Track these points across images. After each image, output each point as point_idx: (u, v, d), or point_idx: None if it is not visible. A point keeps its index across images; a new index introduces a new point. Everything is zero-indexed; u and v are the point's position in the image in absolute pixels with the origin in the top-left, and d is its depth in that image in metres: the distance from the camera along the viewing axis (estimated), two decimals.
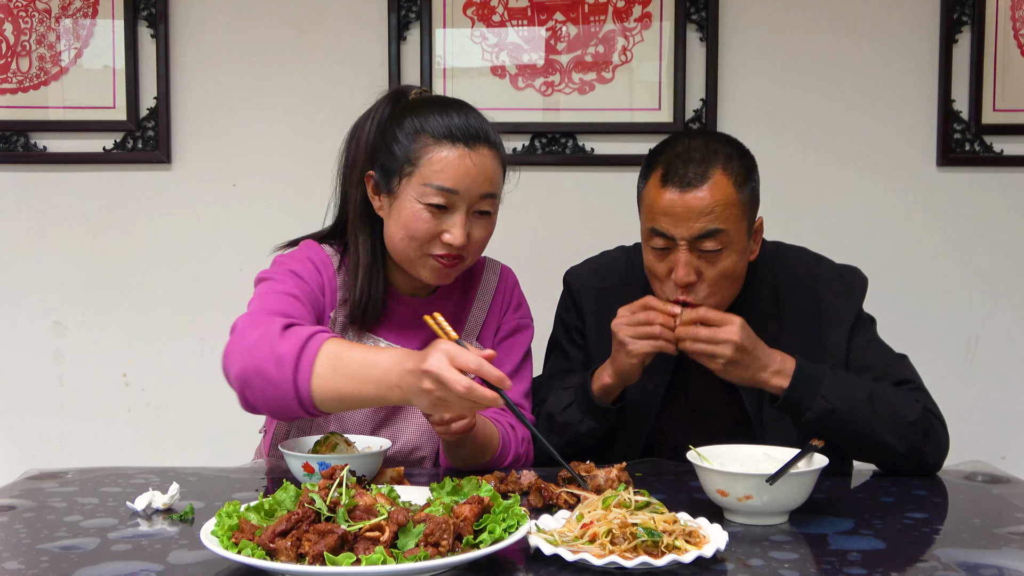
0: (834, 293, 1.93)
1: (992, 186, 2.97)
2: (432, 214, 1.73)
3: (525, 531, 1.27)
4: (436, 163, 1.72)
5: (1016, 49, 2.93)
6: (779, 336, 1.89)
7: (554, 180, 2.96)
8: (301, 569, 1.15)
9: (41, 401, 3.00)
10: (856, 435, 1.72)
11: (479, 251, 1.83)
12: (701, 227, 1.76)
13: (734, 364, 1.72)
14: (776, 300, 1.94)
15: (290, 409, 1.55)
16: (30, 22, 2.92)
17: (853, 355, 1.89)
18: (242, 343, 1.59)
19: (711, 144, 1.82)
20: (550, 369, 2.08)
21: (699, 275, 1.79)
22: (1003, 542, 1.37)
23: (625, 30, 2.92)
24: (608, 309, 1.99)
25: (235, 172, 2.98)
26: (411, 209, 1.74)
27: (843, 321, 1.91)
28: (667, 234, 1.78)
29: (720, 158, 1.79)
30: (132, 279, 2.99)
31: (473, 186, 1.73)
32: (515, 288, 2.00)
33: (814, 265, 1.98)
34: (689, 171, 1.77)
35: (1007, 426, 3.01)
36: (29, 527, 1.43)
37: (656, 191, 1.80)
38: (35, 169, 2.97)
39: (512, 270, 2.02)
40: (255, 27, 2.95)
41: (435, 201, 1.72)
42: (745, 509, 1.44)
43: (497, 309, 1.95)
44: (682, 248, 1.78)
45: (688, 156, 1.79)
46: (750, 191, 1.82)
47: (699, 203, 1.76)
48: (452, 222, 1.74)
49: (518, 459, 1.84)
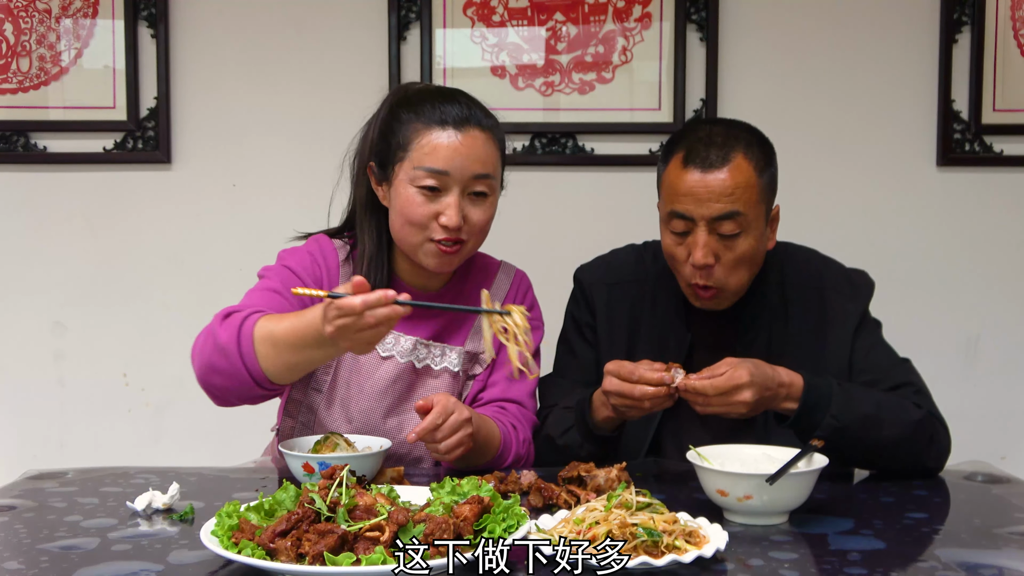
0: (840, 294, 1.93)
1: (992, 186, 2.97)
2: (426, 197, 1.75)
3: (525, 531, 1.27)
4: (425, 146, 1.75)
5: (1016, 49, 2.93)
6: (785, 335, 1.89)
7: (554, 180, 2.96)
8: (301, 569, 1.15)
9: (41, 401, 3.00)
10: (864, 448, 1.72)
11: (481, 234, 1.83)
12: (721, 208, 1.78)
13: (752, 411, 1.69)
14: (783, 300, 1.94)
15: (253, 392, 1.64)
16: (30, 22, 2.92)
17: (856, 356, 1.89)
18: (195, 347, 1.68)
19: (732, 130, 1.86)
20: (556, 364, 2.08)
21: (717, 258, 1.81)
22: (1003, 542, 1.37)
23: (625, 30, 2.92)
24: (619, 304, 2.00)
25: (235, 172, 2.98)
26: (406, 194, 1.77)
27: (848, 322, 1.91)
28: (687, 215, 1.80)
29: (741, 143, 1.82)
30: (132, 279, 2.99)
31: (464, 166, 1.75)
32: (528, 291, 2.01)
33: (822, 266, 1.99)
34: (711, 153, 1.80)
35: (1007, 426, 3.01)
36: (29, 527, 1.43)
37: (677, 172, 1.82)
38: (35, 169, 2.97)
39: (527, 275, 2.03)
40: (255, 27, 2.95)
41: (427, 183, 1.75)
42: (745, 509, 1.44)
43: None
44: (701, 230, 1.80)
45: (710, 140, 1.82)
46: (769, 177, 1.85)
47: (720, 184, 1.78)
48: (446, 203, 1.76)
49: (519, 459, 1.84)
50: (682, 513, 1.35)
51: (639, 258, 2.06)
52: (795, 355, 1.88)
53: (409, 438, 1.62)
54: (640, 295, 1.99)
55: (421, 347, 1.87)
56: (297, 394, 1.89)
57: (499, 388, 1.90)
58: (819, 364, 1.87)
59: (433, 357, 1.88)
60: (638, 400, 1.69)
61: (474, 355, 1.90)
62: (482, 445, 1.75)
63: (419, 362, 1.87)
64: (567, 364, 2.05)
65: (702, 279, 1.82)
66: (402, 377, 1.86)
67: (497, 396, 1.89)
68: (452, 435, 1.63)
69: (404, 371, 1.86)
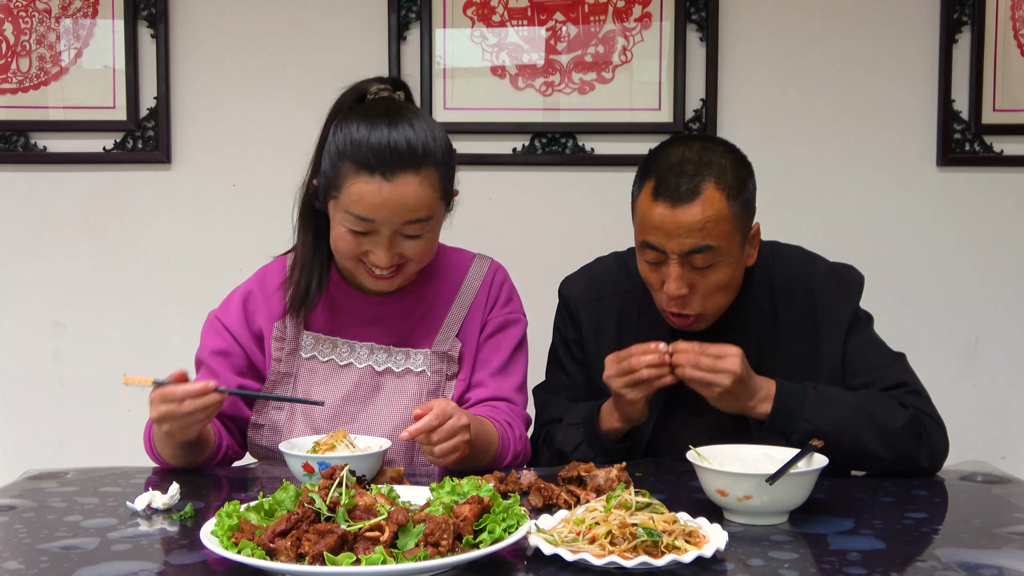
0: (830, 295, 1.91)
1: (992, 186, 2.97)
2: (355, 236, 1.75)
3: (525, 531, 1.27)
4: (353, 193, 1.71)
5: (1016, 49, 2.93)
6: (775, 338, 1.88)
7: (554, 180, 2.96)
8: (301, 569, 1.15)
9: (41, 401, 3.00)
10: (844, 450, 1.70)
11: (423, 259, 1.81)
12: (692, 243, 1.75)
13: (729, 394, 1.71)
14: (772, 302, 1.93)
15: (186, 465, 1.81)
16: (30, 22, 2.92)
17: (849, 358, 1.88)
18: None
19: (705, 155, 1.79)
20: (550, 382, 2.08)
21: (691, 288, 1.79)
22: (1003, 542, 1.37)
23: (625, 30, 2.92)
24: (606, 320, 1.99)
25: (235, 172, 2.98)
26: (337, 230, 1.77)
27: (839, 324, 1.89)
28: (658, 247, 1.78)
29: (713, 170, 1.77)
30: (132, 279, 3.00)
31: (392, 216, 1.71)
32: (504, 284, 1.98)
33: (810, 265, 1.96)
34: (681, 185, 1.75)
35: (1007, 426, 3.01)
36: (29, 527, 1.43)
37: (647, 204, 1.78)
38: (35, 169, 2.97)
39: (502, 266, 2.01)
40: (255, 27, 2.95)
41: (356, 228, 1.74)
42: (745, 509, 1.44)
43: (480, 305, 1.93)
44: (673, 262, 1.77)
45: (680, 169, 1.77)
46: (743, 203, 1.80)
47: (689, 219, 1.74)
48: (374, 243, 1.74)
49: (517, 456, 1.84)
50: (682, 513, 1.35)
51: (622, 267, 2.04)
52: (785, 359, 1.88)
53: (402, 436, 1.61)
54: (626, 306, 1.98)
55: (380, 352, 1.87)
56: (259, 418, 1.88)
57: (486, 387, 1.90)
58: (811, 367, 1.87)
59: (395, 360, 1.88)
60: (637, 370, 1.72)
61: (444, 355, 1.88)
62: (482, 448, 1.75)
63: (379, 366, 1.87)
64: (558, 382, 2.05)
65: (677, 308, 1.81)
66: (363, 382, 1.86)
67: (485, 396, 1.89)
68: (448, 439, 1.62)
69: (364, 375, 1.86)
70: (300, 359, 1.88)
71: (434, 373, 1.87)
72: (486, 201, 2.92)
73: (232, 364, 1.89)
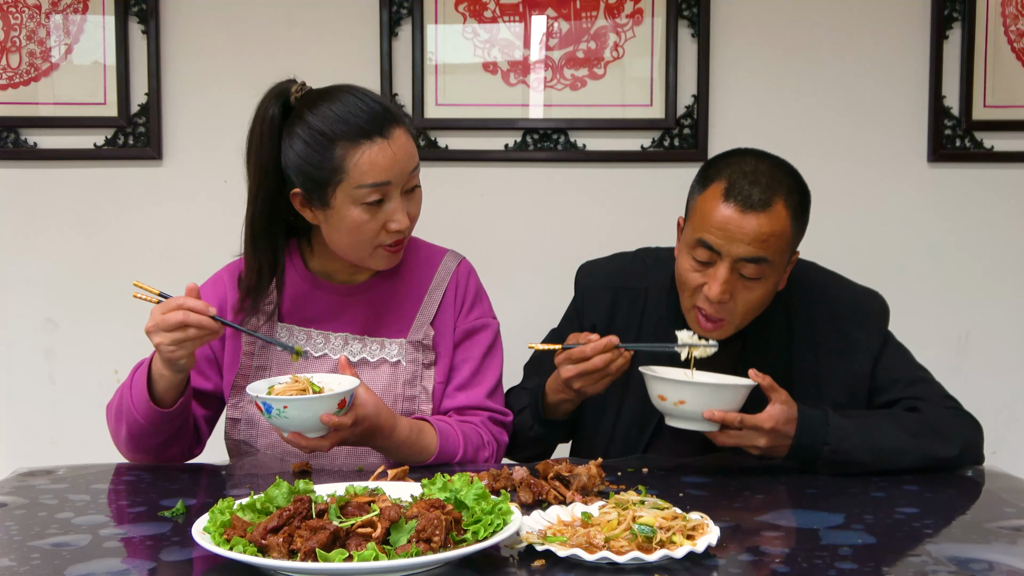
0: (856, 325, 1.93)
1: (983, 182, 2.98)
2: (372, 212, 1.76)
3: (516, 526, 1.27)
4: (363, 164, 1.73)
5: (1007, 45, 2.94)
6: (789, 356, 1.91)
7: (546, 176, 2.96)
8: (293, 565, 1.15)
9: (32, 398, 2.99)
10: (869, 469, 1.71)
11: (416, 217, 1.85)
12: (751, 251, 1.75)
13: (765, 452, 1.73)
14: (788, 319, 1.93)
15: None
16: (20, 18, 2.91)
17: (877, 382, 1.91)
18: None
19: (777, 172, 1.81)
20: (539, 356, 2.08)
21: (731, 296, 1.79)
22: (993, 536, 1.38)
23: (617, 26, 2.92)
24: (611, 312, 2.00)
25: (226, 168, 2.97)
26: (351, 215, 1.76)
27: (866, 352, 1.92)
28: (714, 248, 1.77)
29: (784, 188, 1.79)
30: (123, 275, 2.98)
31: (402, 170, 1.76)
32: (469, 283, 1.97)
33: (836, 290, 1.98)
34: (754, 193, 1.76)
35: (997, 422, 3.01)
36: (20, 524, 1.43)
37: (714, 203, 1.78)
38: (25, 165, 2.96)
39: (469, 263, 2.00)
40: (246, 23, 2.94)
41: (373, 199, 1.75)
42: (680, 413, 1.66)
43: (450, 304, 1.93)
44: (724, 266, 1.77)
45: (754, 178, 1.78)
46: (800, 226, 1.83)
47: (755, 227, 1.75)
48: (391, 210, 1.77)
49: (477, 451, 1.83)
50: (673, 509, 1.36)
51: (641, 268, 2.04)
52: (802, 376, 1.89)
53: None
54: (631, 305, 1.99)
55: (354, 342, 1.88)
56: (234, 412, 1.88)
57: (453, 399, 1.90)
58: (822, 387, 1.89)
59: (370, 351, 1.88)
60: (600, 369, 1.75)
61: (419, 344, 1.89)
62: (401, 449, 1.75)
63: (353, 356, 1.88)
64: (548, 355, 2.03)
65: (712, 311, 1.81)
66: (337, 372, 1.86)
67: (456, 404, 1.90)
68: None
69: (339, 366, 1.86)
70: (274, 351, 1.88)
71: (410, 363, 1.88)
72: (478, 197, 2.92)
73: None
